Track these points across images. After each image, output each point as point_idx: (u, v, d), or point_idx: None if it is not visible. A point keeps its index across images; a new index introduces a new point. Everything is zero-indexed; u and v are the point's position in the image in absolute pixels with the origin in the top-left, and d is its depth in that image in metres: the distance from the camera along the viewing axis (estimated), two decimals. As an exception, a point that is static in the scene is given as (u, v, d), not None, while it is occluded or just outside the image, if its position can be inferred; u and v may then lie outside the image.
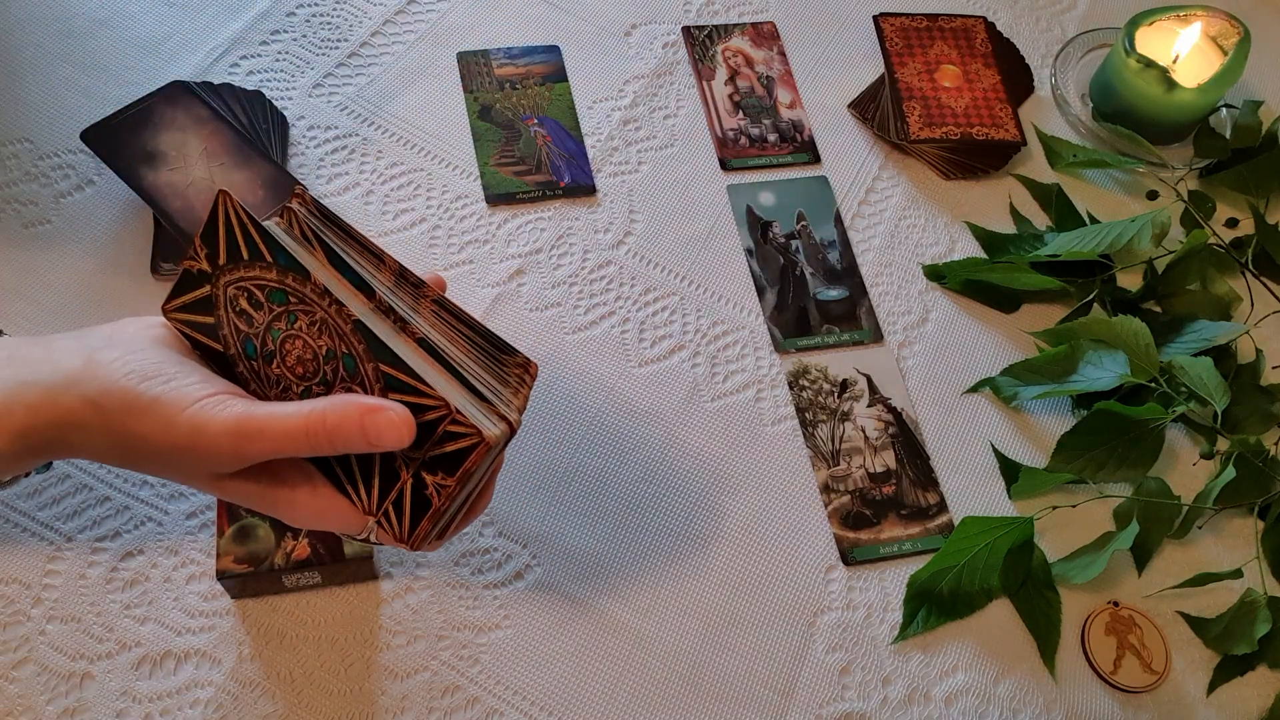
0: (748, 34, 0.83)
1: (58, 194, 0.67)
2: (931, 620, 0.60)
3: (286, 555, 0.53)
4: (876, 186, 0.77)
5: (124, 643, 0.54)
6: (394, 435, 0.41)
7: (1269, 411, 0.68)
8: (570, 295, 0.69)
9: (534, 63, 0.79)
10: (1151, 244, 0.70)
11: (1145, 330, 0.66)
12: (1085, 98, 0.84)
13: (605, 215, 0.73)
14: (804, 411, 0.67)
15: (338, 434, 0.41)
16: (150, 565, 0.56)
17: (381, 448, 0.41)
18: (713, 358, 0.68)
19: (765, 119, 0.79)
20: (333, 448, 0.41)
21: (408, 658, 0.56)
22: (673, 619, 0.59)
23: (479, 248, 0.70)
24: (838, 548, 0.62)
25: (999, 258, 0.74)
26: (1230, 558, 0.65)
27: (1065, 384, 0.67)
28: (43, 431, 0.43)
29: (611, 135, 0.76)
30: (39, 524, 0.56)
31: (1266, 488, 0.65)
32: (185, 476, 0.44)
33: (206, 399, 0.42)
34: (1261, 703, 0.61)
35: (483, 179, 0.72)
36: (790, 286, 0.72)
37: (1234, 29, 0.78)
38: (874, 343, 0.70)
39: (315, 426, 0.41)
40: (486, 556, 0.59)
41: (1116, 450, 0.64)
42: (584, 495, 0.62)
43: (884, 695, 0.58)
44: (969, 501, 0.65)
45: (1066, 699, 0.59)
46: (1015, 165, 0.80)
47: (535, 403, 0.64)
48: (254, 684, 0.54)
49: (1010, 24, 0.88)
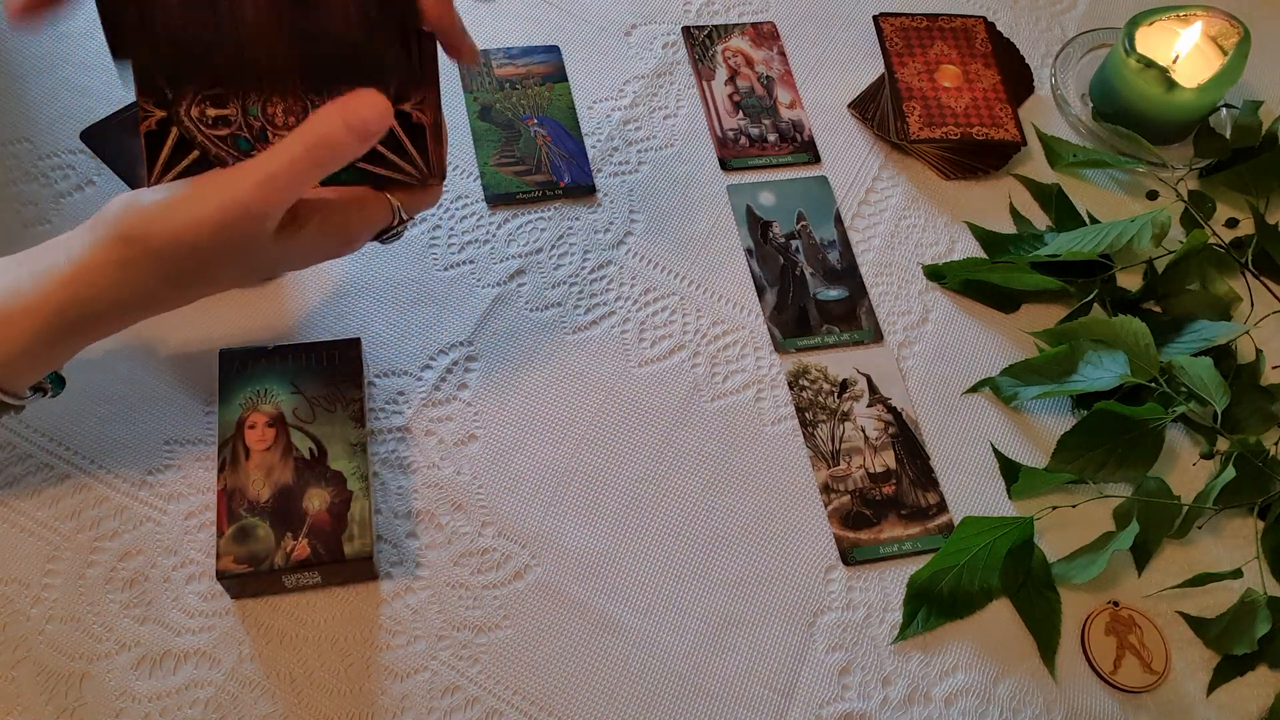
0: (748, 34, 0.83)
1: (58, 194, 0.67)
2: (931, 620, 0.60)
3: (286, 555, 0.53)
4: (876, 186, 0.77)
5: (123, 643, 0.54)
6: (370, 109, 0.44)
7: (1269, 411, 0.68)
8: (570, 295, 0.69)
9: (534, 63, 0.79)
10: (1151, 244, 0.70)
11: (1145, 330, 0.66)
12: (1085, 98, 0.84)
13: (605, 215, 0.73)
14: (804, 411, 0.67)
15: (328, 136, 0.43)
16: (149, 565, 0.56)
17: (368, 130, 0.44)
18: (713, 358, 0.68)
19: (765, 119, 0.79)
20: (332, 153, 0.44)
21: (408, 658, 0.56)
22: (673, 619, 0.59)
23: (479, 248, 0.70)
24: (838, 548, 0.62)
25: (999, 258, 0.74)
26: (1230, 558, 0.65)
27: (1065, 384, 0.67)
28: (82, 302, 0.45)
29: (611, 135, 0.76)
30: (38, 523, 0.56)
31: (1266, 488, 0.65)
32: (245, 257, 0.46)
33: (216, 175, 0.44)
34: (1261, 703, 0.61)
35: (483, 179, 0.72)
36: (790, 286, 0.72)
37: (1234, 29, 0.78)
38: (874, 343, 0.70)
39: (309, 137, 0.43)
40: (486, 556, 0.59)
41: (1116, 450, 0.64)
42: (584, 495, 0.62)
43: (884, 695, 0.58)
44: (969, 501, 0.65)
45: (1066, 699, 0.59)
46: (1015, 165, 0.80)
47: (535, 403, 0.64)
48: (254, 684, 0.54)
49: (1010, 24, 0.88)
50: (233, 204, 0.43)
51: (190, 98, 0.45)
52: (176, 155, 0.46)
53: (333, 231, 0.49)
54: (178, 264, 0.45)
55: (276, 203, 0.44)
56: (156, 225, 0.44)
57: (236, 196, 0.43)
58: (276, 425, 0.56)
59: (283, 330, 0.64)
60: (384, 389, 0.63)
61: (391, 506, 0.60)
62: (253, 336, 0.63)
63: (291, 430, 0.56)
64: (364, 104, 0.44)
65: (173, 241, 0.44)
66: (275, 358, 0.59)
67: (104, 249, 0.44)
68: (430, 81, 0.48)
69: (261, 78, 0.45)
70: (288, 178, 0.43)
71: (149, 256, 0.44)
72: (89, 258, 0.44)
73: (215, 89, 0.45)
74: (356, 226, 0.50)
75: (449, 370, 0.65)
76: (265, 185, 0.43)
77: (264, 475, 0.55)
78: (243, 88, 0.45)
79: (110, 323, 0.47)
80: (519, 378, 0.65)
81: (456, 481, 0.61)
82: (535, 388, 0.65)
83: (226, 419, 0.56)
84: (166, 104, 0.45)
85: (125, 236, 0.44)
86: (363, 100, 0.44)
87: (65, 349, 0.48)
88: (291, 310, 0.65)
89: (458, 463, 0.62)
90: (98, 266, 0.44)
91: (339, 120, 0.43)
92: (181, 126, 0.45)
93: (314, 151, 0.43)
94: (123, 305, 0.46)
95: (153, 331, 0.62)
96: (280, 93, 0.45)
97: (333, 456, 0.56)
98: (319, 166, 0.44)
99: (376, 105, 0.44)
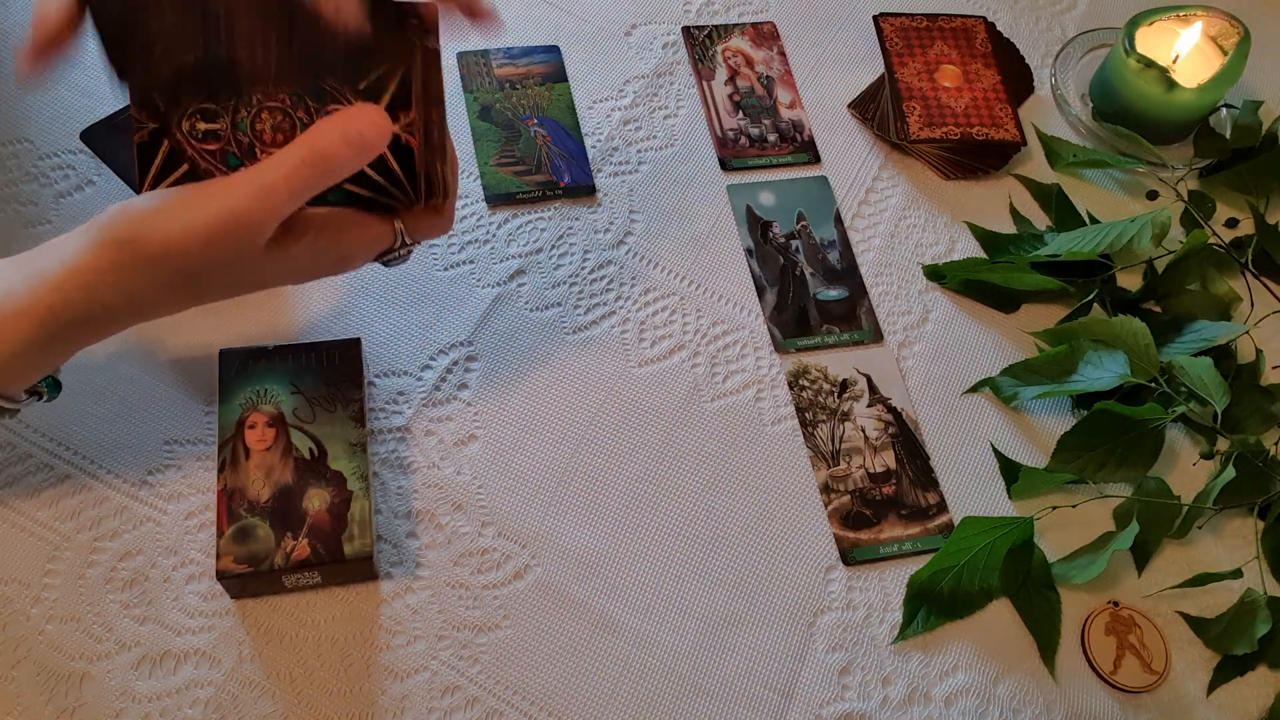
0: (748, 34, 0.83)
1: (58, 194, 0.67)
2: (931, 620, 0.60)
3: (286, 555, 0.53)
4: (876, 186, 0.77)
5: (123, 643, 0.54)
6: (369, 124, 0.44)
7: (1269, 411, 0.68)
8: (570, 295, 0.69)
9: (534, 63, 0.79)
10: (1151, 244, 0.70)
11: (1145, 330, 0.66)
12: (1085, 98, 0.84)
13: (605, 215, 0.73)
14: (804, 411, 0.67)
15: (326, 149, 0.43)
16: (149, 565, 0.56)
17: (366, 144, 0.44)
18: (713, 358, 0.68)
19: (765, 119, 0.79)
20: (329, 166, 0.44)
21: (408, 658, 0.56)
22: (673, 619, 0.59)
23: (479, 248, 0.70)
24: (838, 548, 0.62)
25: (999, 258, 0.74)
26: (1230, 558, 0.65)
27: (1065, 384, 0.67)
28: (74, 305, 0.44)
29: (611, 135, 0.76)
30: (38, 524, 0.56)
31: (1266, 488, 0.65)
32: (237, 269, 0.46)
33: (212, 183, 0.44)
34: (1261, 703, 0.61)
35: (483, 179, 0.72)
36: (790, 286, 0.72)
37: (1234, 29, 0.78)
38: (874, 343, 0.70)
39: (306, 150, 0.43)
40: (486, 556, 0.59)
41: (1116, 450, 0.64)
42: (584, 495, 0.62)
43: (884, 695, 0.58)
44: (969, 501, 0.65)
45: (1066, 699, 0.59)
46: (1015, 165, 0.80)
47: (535, 403, 0.64)
48: (254, 684, 0.54)
49: (1010, 24, 0.88)
50: (226, 212, 0.43)
51: (182, 110, 0.45)
52: (168, 167, 0.46)
53: (327, 249, 0.48)
54: (169, 271, 0.44)
55: (271, 213, 0.44)
56: (150, 230, 0.43)
57: (231, 205, 0.43)
58: (276, 425, 0.57)
59: (283, 330, 0.64)
60: (384, 389, 0.63)
61: (391, 506, 0.60)
62: (253, 336, 0.63)
63: (291, 430, 0.56)
64: (363, 118, 0.44)
65: (165, 247, 0.43)
66: (275, 358, 0.59)
67: (97, 253, 0.44)
68: (434, 99, 0.47)
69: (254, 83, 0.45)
70: (284, 189, 0.43)
71: (141, 261, 0.44)
72: (82, 261, 0.44)
73: (208, 102, 0.45)
74: (353, 246, 0.49)
75: (449, 370, 0.65)
76: (260, 195, 0.43)
77: (264, 475, 0.55)
78: (235, 99, 0.45)
79: (103, 327, 0.47)
80: (519, 378, 0.65)
81: (456, 481, 0.61)
82: (535, 388, 0.65)
83: (226, 419, 0.56)
84: (159, 116, 0.45)
85: (118, 241, 0.44)
86: (363, 114, 0.44)
87: (58, 353, 0.48)
88: (291, 310, 0.65)
89: (458, 463, 0.62)
90: (90, 270, 0.44)
91: (338, 133, 0.43)
92: (173, 139, 0.45)
93: (311, 164, 0.43)
94: (115, 310, 0.46)
95: (153, 331, 0.62)
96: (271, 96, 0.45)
97: (333, 456, 0.56)
98: (315, 179, 0.44)
99: (376, 120, 0.44)
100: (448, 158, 0.49)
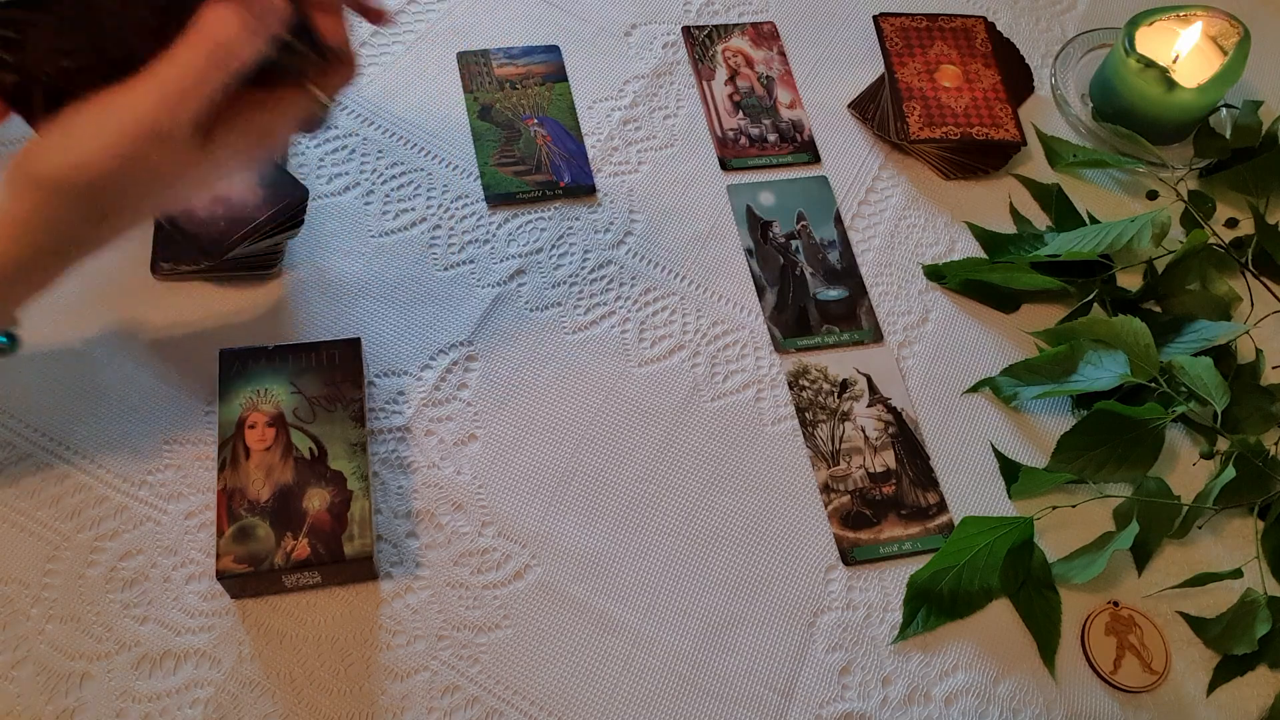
0: (748, 34, 0.83)
1: None
2: (931, 620, 0.60)
3: (286, 555, 0.53)
4: (876, 186, 0.77)
5: (123, 642, 0.54)
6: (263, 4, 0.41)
7: (1269, 411, 0.68)
8: (570, 295, 0.69)
9: (534, 63, 0.79)
10: (1151, 244, 0.70)
11: (1145, 330, 0.66)
12: (1085, 98, 0.84)
13: (605, 215, 0.73)
14: (804, 411, 0.67)
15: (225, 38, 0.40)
16: (149, 565, 0.56)
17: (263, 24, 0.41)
18: (713, 358, 0.68)
19: (765, 119, 0.79)
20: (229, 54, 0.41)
21: (408, 658, 0.56)
22: (673, 619, 0.59)
23: (479, 248, 0.70)
24: (838, 548, 0.62)
25: (999, 258, 0.74)
26: (1230, 558, 0.65)
27: (1065, 384, 0.67)
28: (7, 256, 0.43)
29: (611, 135, 0.76)
30: (38, 523, 0.56)
31: (1266, 488, 0.65)
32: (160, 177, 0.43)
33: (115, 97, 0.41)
34: (1261, 703, 0.61)
35: (483, 179, 0.72)
36: (790, 286, 0.72)
37: (1234, 29, 0.78)
38: (874, 343, 0.70)
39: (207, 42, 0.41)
40: (486, 556, 0.59)
41: (1116, 450, 0.64)
42: (584, 495, 0.62)
43: (884, 695, 0.58)
44: (969, 501, 0.65)
45: (1066, 699, 0.59)
46: (1015, 165, 0.80)
47: (535, 403, 0.64)
48: (254, 684, 0.54)
49: (1010, 24, 0.88)
50: (134, 125, 0.41)
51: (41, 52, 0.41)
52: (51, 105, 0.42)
53: (251, 130, 0.46)
54: (92, 198, 0.42)
55: (181, 115, 0.41)
56: (59, 163, 0.41)
57: (137, 117, 0.41)
58: (276, 425, 0.57)
59: (283, 330, 0.64)
60: (384, 389, 0.63)
61: (391, 506, 0.60)
62: (253, 336, 0.63)
63: (291, 430, 0.56)
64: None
65: (80, 175, 0.41)
66: (275, 358, 0.59)
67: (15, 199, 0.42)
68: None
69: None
70: (191, 90, 0.41)
71: (60, 195, 0.42)
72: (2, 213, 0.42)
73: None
74: (273, 120, 0.46)
75: (449, 370, 0.65)
76: (166, 100, 0.41)
77: (264, 475, 0.55)
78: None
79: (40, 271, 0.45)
80: (519, 377, 0.65)
81: (456, 481, 0.61)
82: (535, 388, 0.65)
83: (226, 419, 0.56)
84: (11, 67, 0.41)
85: (34, 182, 0.42)
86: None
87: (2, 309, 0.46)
88: (291, 310, 0.65)
89: (458, 463, 0.62)
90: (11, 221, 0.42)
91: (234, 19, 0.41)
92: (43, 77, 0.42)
93: (212, 56, 0.41)
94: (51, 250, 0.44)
95: (153, 331, 0.62)
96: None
97: (333, 456, 0.56)
98: (219, 69, 0.41)
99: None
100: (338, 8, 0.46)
